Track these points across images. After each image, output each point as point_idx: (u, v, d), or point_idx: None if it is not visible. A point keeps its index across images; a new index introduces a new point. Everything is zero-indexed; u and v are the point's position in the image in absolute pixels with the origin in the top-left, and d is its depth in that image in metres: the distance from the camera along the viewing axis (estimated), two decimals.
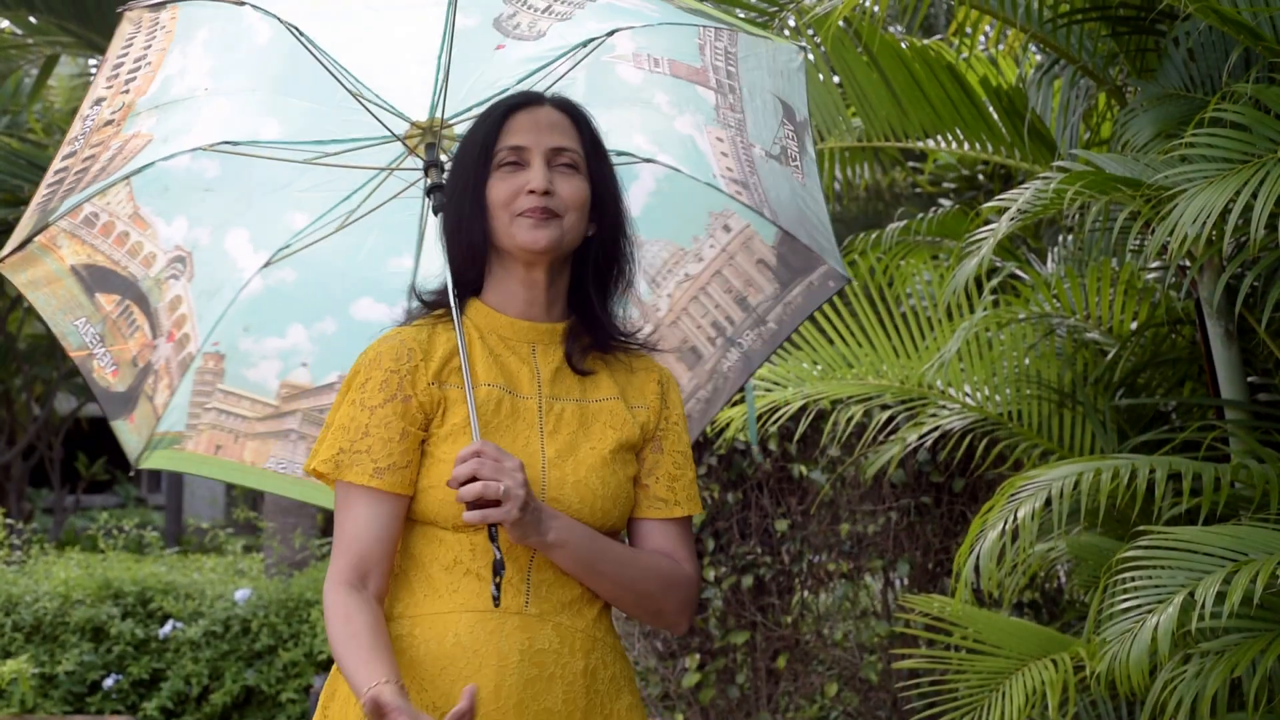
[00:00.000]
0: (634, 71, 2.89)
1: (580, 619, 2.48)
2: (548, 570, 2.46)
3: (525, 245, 2.50)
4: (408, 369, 2.47)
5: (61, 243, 2.85)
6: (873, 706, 6.07)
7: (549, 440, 2.51)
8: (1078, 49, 4.46)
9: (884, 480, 5.95)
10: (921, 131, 5.15)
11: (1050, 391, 4.70)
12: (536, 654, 2.42)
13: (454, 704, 2.34)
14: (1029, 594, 5.94)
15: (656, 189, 2.94)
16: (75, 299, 2.89)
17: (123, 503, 26.41)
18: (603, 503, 2.50)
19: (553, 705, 2.43)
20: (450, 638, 2.40)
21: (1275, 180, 3.20)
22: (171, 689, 7.78)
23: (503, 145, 2.52)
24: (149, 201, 2.85)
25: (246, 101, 2.85)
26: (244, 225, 2.93)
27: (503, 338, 2.56)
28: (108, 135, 2.78)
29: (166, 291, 2.91)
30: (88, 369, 2.92)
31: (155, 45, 2.74)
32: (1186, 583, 3.38)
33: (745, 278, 2.96)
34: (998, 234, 3.68)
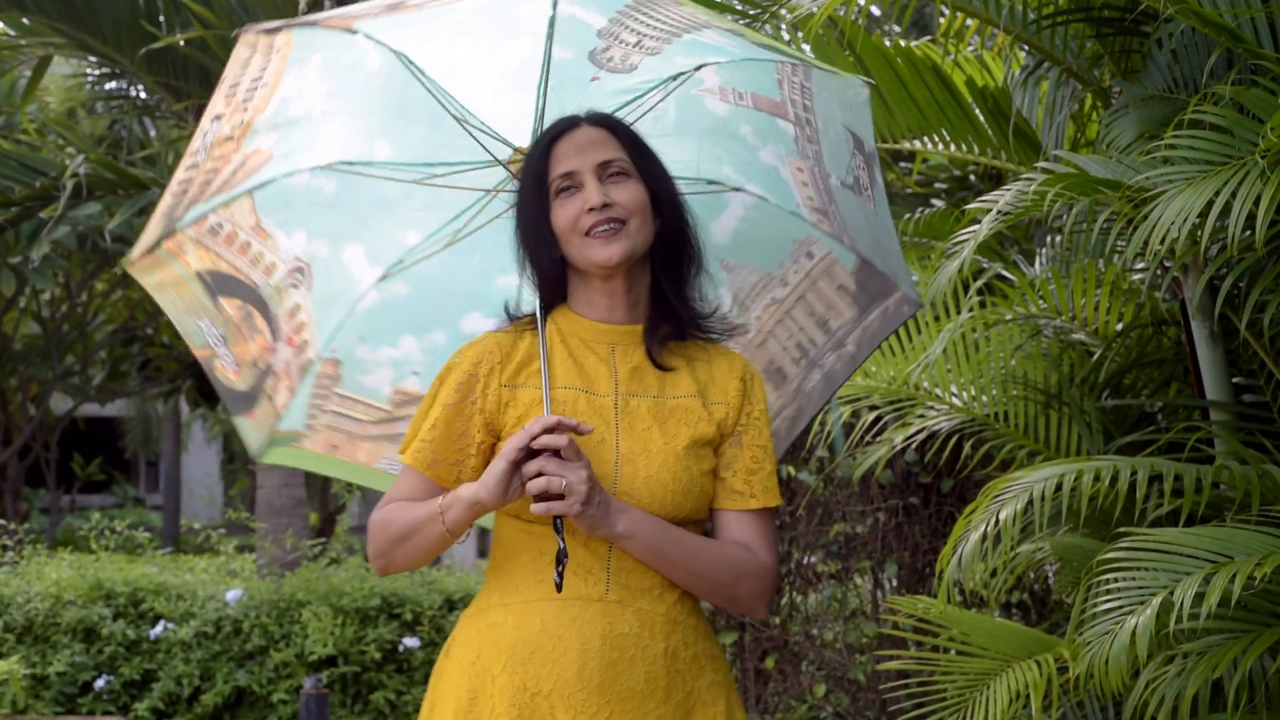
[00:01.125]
0: (720, 104, 3.02)
1: (660, 603, 2.64)
2: (627, 559, 2.62)
3: (600, 263, 2.67)
4: (485, 371, 2.70)
5: (187, 249, 3.04)
6: (861, 707, 6.07)
7: (624, 437, 2.66)
8: (1062, 50, 4.46)
9: (872, 481, 5.95)
10: (908, 132, 5.15)
11: (1036, 392, 4.71)
12: (617, 638, 2.59)
13: (542, 686, 2.57)
14: (1017, 595, 5.94)
15: (745, 216, 3.08)
16: (200, 301, 3.08)
17: (120, 503, 26.48)
18: (674, 497, 2.64)
19: (634, 685, 2.59)
20: (538, 624, 2.59)
21: (1254, 182, 3.21)
22: (163, 690, 7.78)
23: (554, 175, 2.70)
24: (270, 214, 3.03)
25: (361, 124, 3.02)
26: (360, 240, 3.08)
27: (584, 340, 2.74)
28: (228, 150, 2.96)
29: (286, 299, 3.08)
30: (210, 367, 3.13)
31: (271, 67, 2.92)
32: (1167, 584, 3.39)
33: (827, 302, 3.10)
34: (979, 236, 3.69)
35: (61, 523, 17.90)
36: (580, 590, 2.62)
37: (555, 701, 2.57)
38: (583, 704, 2.57)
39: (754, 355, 3.10)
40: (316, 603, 7.97)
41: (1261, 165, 3.22)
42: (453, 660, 2.70)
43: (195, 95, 9.19)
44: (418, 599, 8.10)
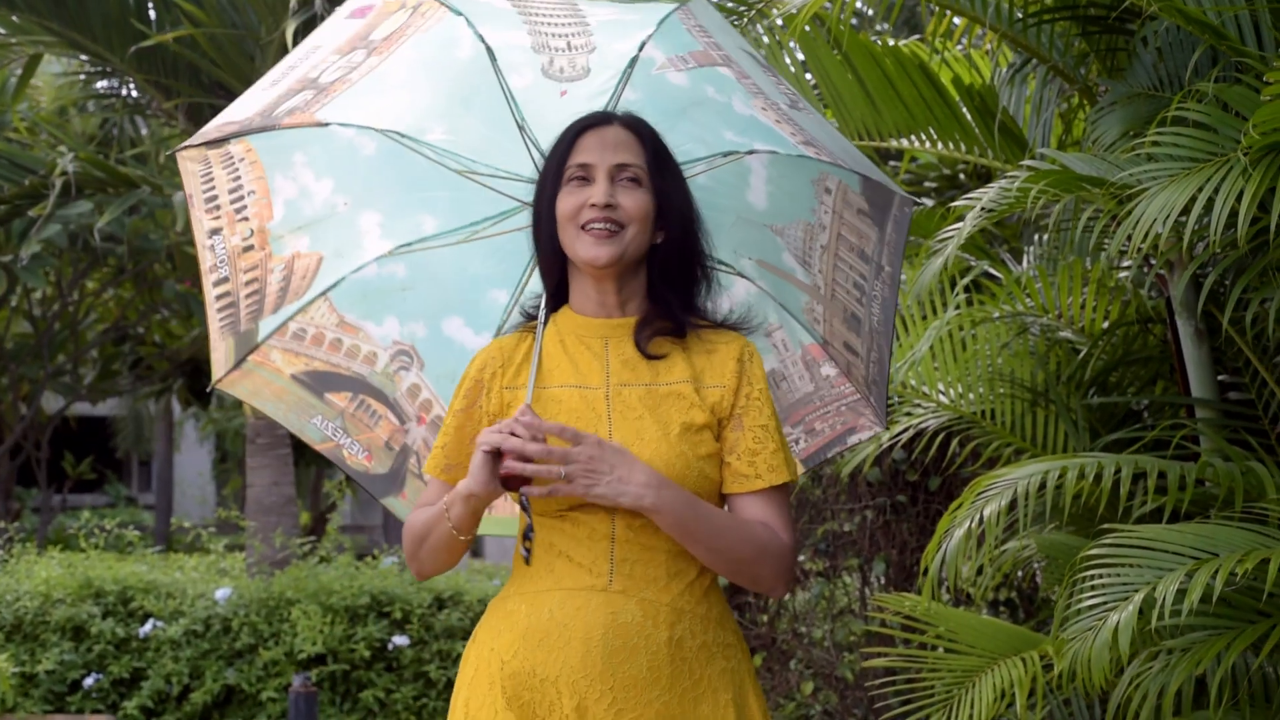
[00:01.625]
0: (678, 75, 3.01)
1: (665, 593, 2.68)
2: (631, 549, 2.68)
3: (587, 260, 2.73)
4: (488, 376, 2.81)
5: (275, 357, 3.12)
6: (849, 705, 6.08)
7: (616, 426, 2.71)
8: (1049, 49, 4.47)
9: (860, 479, 5.96)
10: (895, 131, 5.16)
11: (1023, 390, 4.71)
12: (620, 627, 2.64)
13: (548, 673, 2.64)
14: (1005, 593, 5.95)
15: (768, 176, 3.07)
16: (304, 401, 3.15)
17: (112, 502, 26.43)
18: (670, 478, 2.66)
19: (637, 674, 2.64)
20: (546, 613, 2.66)
21: (1236, 179, 3.22)
22: (152, 688, 7.77)
23: (572, 163, 2.75)
24: (351, 309, 3.12)
25: (391, 206, 3.09)
26: (455, 312, 3.16)
27: (579, 336, 2.80)
28: (259, 260, 3.06)
29: (400, 383, 3.17)
30: (339, 458, 3.19)
31: (248, 175, 3.01)
32: (1150, 580, 3.40)
33: (856, 231, 3.10)
34: (962, 233, 3.69)
35: (53, 522, 17.88)
36: (585, 581, 2.67)
37: (561, 687, 2.64)
38: (586, 690, 2.63)
39: (832, 309, 3.12)
40: (306, 601, 7.97)
41: (1244, 162, 3.23)
42: (474, 646, 2.78)
43: (185, 93, 9.18)
44: (407, 597, 8.10)
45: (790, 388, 3.17)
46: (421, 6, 2.91)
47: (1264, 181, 3.17)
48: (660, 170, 2.78)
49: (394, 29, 2.91)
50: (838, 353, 3.13)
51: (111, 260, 13.16)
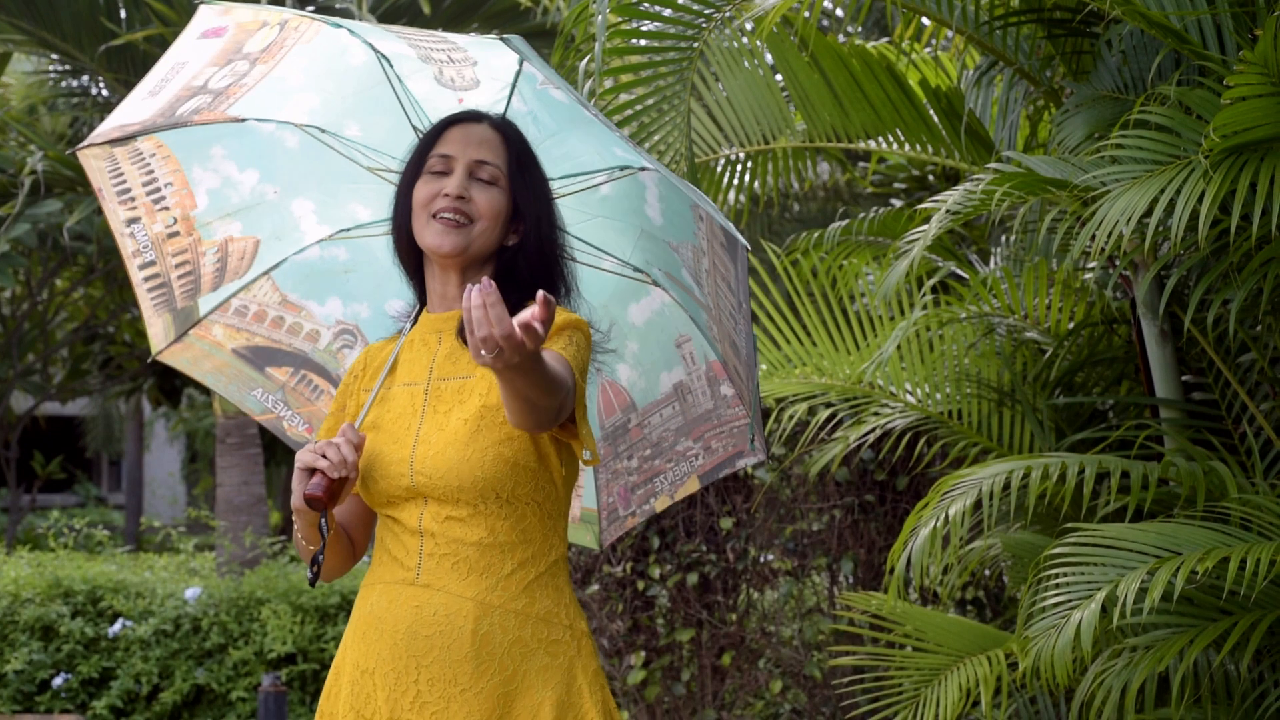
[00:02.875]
0: (559, 93, 3.00)
1: (471, 587, 2.67)
2: (439, 543, 2.69)
3: (431, 247, 2.76)
4: (351, 379, 2.90)
5: (216, 331, 3.19)
6: (818, 703, 6.10)
7: (427, 419, 2.75)
8: (1014, 51, 4.50)
9: (828, 478, 5.98)
10: (863, 132, 5.18)
11: (989, 390, 4.75)
12: (424, 620, 2.67)
13: (368, 665, 2.69)
14: (972, 592, 5.98)
15: (660, 194, 3.07)
16: (245, 374, 3.22)
17: (82, 502, 26.32)
18: (463, 466, 2.67)
19: (440, 668, 2.66)
20: (368, 606, 2.74)
21: (1197, 181, 3.25)
22: (121, 688, 7.76)
23: (434, 154, 2.80)
24: (294, 289, 3.19)
25: (322, 195, 3.16)
26: (398, 295, 3.14)
27: (423, 334, 2.85)
28: (187, 244, 3.14)
29: (344, 360, 3.22)
30: (279, 429, 3.25)
31: (161, 168, 3.09)
32: (1112, 578, 3.43)
33: (722, 261, 3.05)
34: (928, 235, 3.72)
35: (22, 522, 17.80)
36: (396, 574, 2.72)
37: (377, 679, 2.69)
38: (395, 682, 2.68)
39: (720, 330, 3.09)
40: (276, 600, 7.96)
41: (1205, 164, 3.26)
42: None
43: None
44: None
45: (694, 401, 3.18)
46: (291, 23, 2.92)
47: (1224, 184, 3.21)
48: (521, 173, 2.80)
49: (269, 42, 2.93)
50: (733, 373, 3.12)
51: (81, 259, 13.11)
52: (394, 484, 2.72)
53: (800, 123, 5.43)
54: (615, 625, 6.20)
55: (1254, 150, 3.27)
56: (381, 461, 2.73)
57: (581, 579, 6.26)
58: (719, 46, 5.18)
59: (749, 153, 5.43)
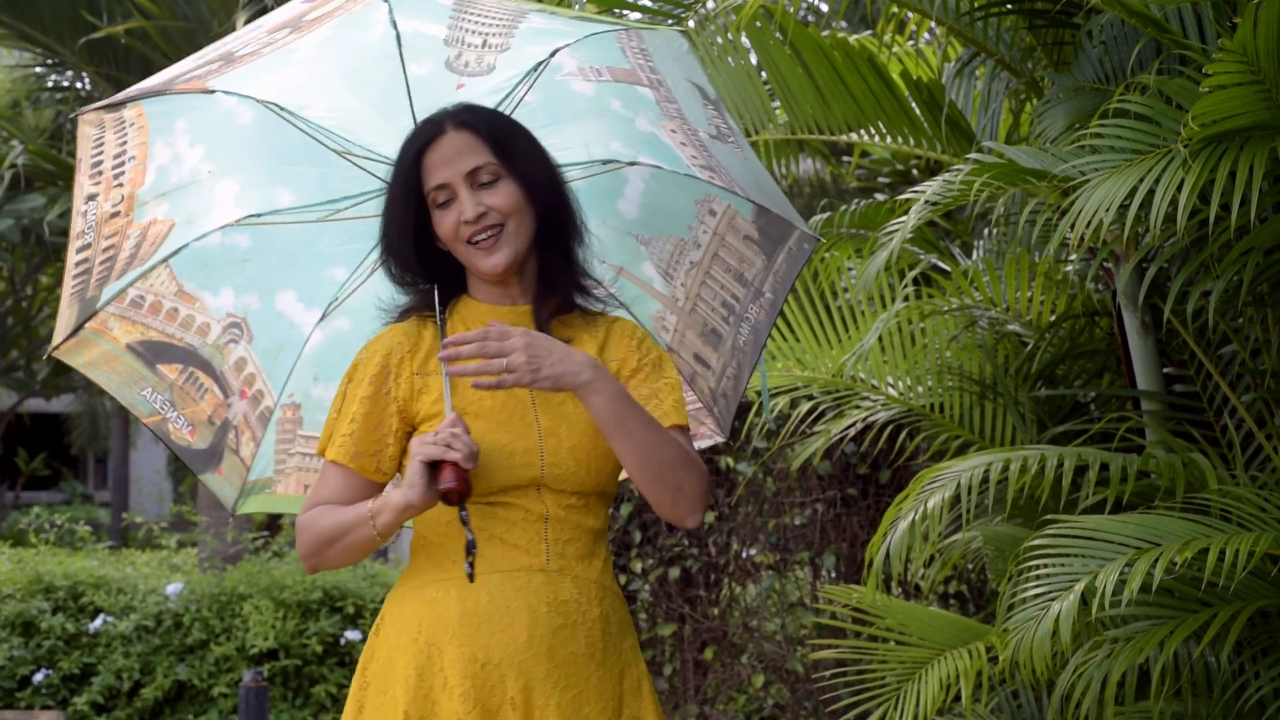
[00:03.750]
0: (585, 84, 3.05)
1: (591, 570, 2.76)
2: (563, 529, 2.73)
3: (489, 271, 2.77)
4: (395, 362, 2.77)
5: (112, 325, 3.07)
6: (800, 698, 6.09)
7: (542, 412, 2.74)
8: (995, 42, 4.49)
9: (810, 472, 5.97)
10: (845, 125, 5.16)
11: (971, 383, 4.73)
12: (561, 604, 2.70)
13: (491, 657, 2.66)
14: (955, 586, 5.97)
15: (646, 189, 3.12)
16: (136, 372, 3.11)
17: (68, 499, 26.29)
18: (595, 463, 2.74)
19: (577, 650, 2.70)
20: (484, 596, 2.68)
21: (1176, 171, 3.24)
22: (102, 684, 7.73)
23: (429, 188, 2.76)
24: (190, 278, 3.08)
25: (254, 176, 3.07)
26: (289, 287, 3.13)
27: (486, 324, 2.74)
28: (120, 226, 3.02)
29: (229, 355, 3.13)
30: (164, 432, 3.14)
31: (132, 140, 2.98)
32: (1092, 570, 3.42)
33: (738, 255, 3.15)
34: (907, 226, 3.70)
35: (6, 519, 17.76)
36: (522, 561, 2.70)
37: (506, 670, 2.66)
38: (532, 670, 2.67)
39: (689, 322, 3.16)
40: (258, 596, 7.94)
41: (1184, 153, 3.25)
42: (385, 639, 2.76)
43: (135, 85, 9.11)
44: (360, 592, 8.08)
45: None
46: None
47: (1203, 172, 3.20)
48: (509, 154, 2.78)
49: (327, 10, 2.92)
50: (684, 362, 3.16)
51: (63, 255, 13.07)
52: (519, 474, 2.71)
53: (783, 116, 5.42)
54: None
55: (1233, 139, 3.25)
56: (501, 451, 2.70)
57: None
58: (701, 39, 5.16)
59: None
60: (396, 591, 2.81)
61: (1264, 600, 3.55)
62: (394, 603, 2.79)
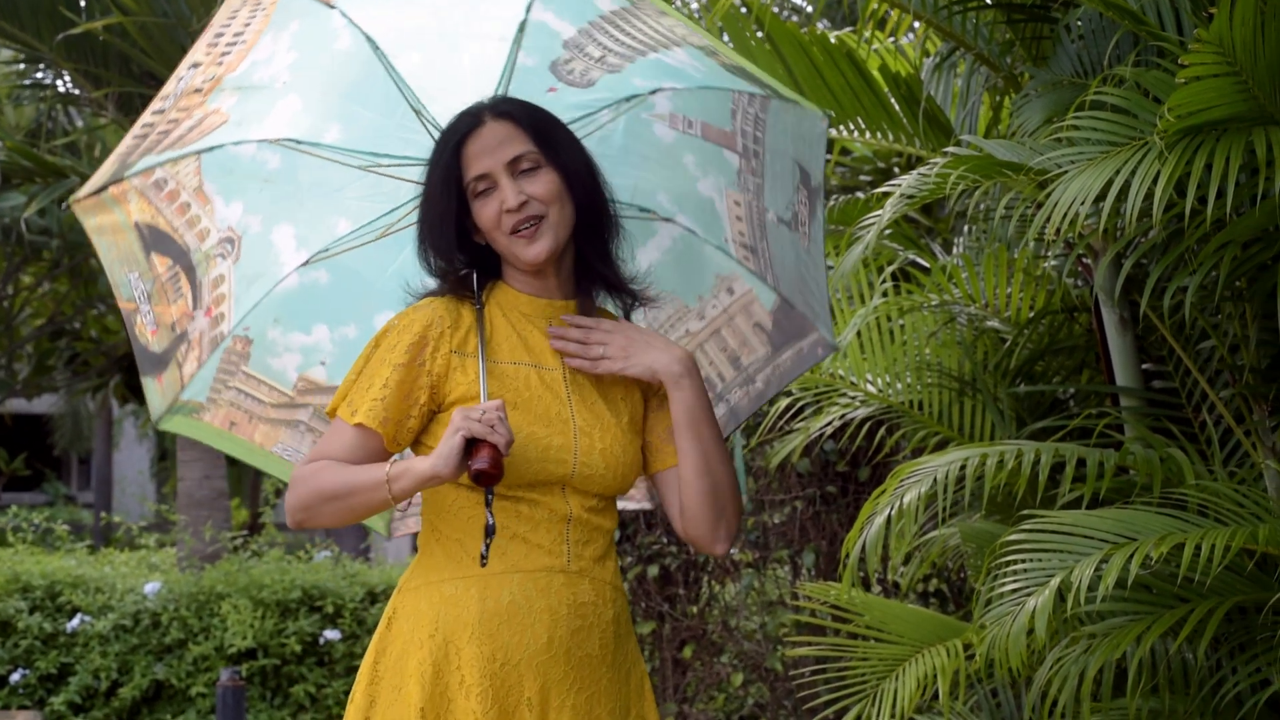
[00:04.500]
0: (668, 131, 3.06)
1: (606, 571, 2.77)
2: (583, 530, 2.73)
3: (529, 261, 2.75)
4: (435, 335, 2.72)
5: (131, 198, 3.04)
6: (779, 696, 6.07)
7: (576, 410, 2.76)
8: (974, 37, 4.47)
9: (790, 470, 5.95)
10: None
11: (950, 379, 4.71)
12: (580, 606, 2.71)
13: (511, 656, 2.65)
14: (935, 584, 5.95)
15: (671, 247, 3.12)
16: (134, 253, 3.09)
17: (51, 500, 26.22)
18: (623, 469, 2.76)
19: (592, 652, 2.72)
20: (506, 596, 2.67)
21: (1152, 163, 3.22)
22: (80, 683, 7.69)
23: (469, 178, 2.74)
24: (214, 180, 3.04)
25: (317, 102, 3.02)
26: (292, 222, 3.09)
27: (524, 314, 2.81)
28: (193, 103, 2.99)
29: (213, 268, 3.07)
30: (131, 322, 3.12)
31: (254, 25, 2.97)
32: (1068, 565, 3.40)
33: (741, 339, 3.17)
34: (883, 219, 3.69)
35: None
36: (544, 561, 2.70)
37: (524, 670, 2.66)
38: (550, 671, 2.67)
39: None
40: (236, 595, 7.90)
41: (1160, 145, 3.23)
42: (399, 633, 2.72)
43: (115, 83, 9.07)
44: (339, 591, 8.04)
45: None
46: None
47: (1179, 165, 3.18)
48: (550, 144, 2.77)
49: None
50: None
51: (47, 254, 13.05)
52: (551, 469, 2.70)
53: None
54: None
55: (1209, 131, 3.24)
56: (536, 445, 2.69)
57: None
58: None
59: None
60: (410, 585, 2.76)
61: (1240, 596, 3.53)
62: (408, 596, 2.75)
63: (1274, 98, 3.23)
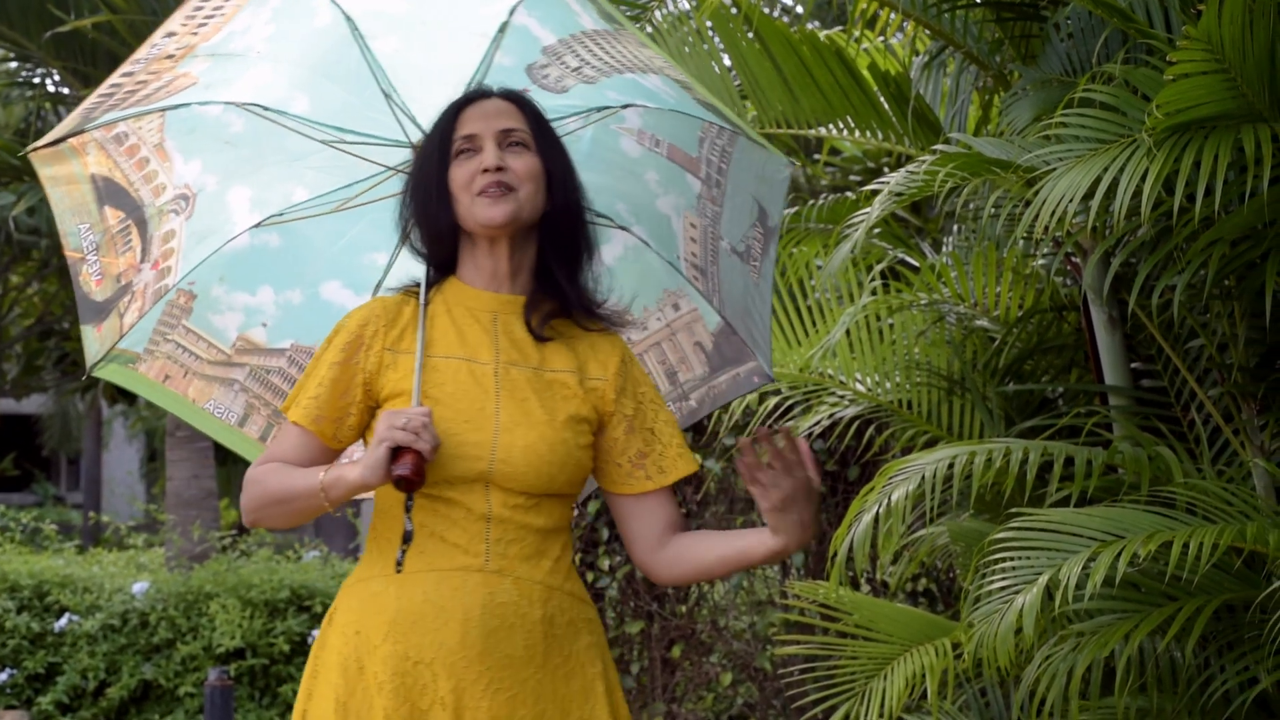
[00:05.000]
0: (635, 146, 3.10)
1: (537, 571, 2.72)
2: (507, 528, 2.70)
3: (485, 221, 2.74)
4: (369, 334, 2.77)
5: (90, 150, 3.05)
6: (769, 696, 6.06)
7: (504, 405, 2.73)
8: (963, 35, 4.47)
9: None
10: (813, 119, 5.13)
11: (939, 378, 4.71)
12: (498, 606, 2.67)
13: (424, 655, 2.64)
14: (924, 583, 5.95)
15: (623, 255, 3.15)
16: (86, 205, 3.09)
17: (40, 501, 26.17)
18: (549, 468, 2.71)
19: (514, 652, 2.67)
20: (420, 595, 2.66)
21: (1140, 160, 3.21)
22: (67, 683, 7.68)
23: (458, 136, 2.79)
24: (175, 137, 3.06)
25: (289, 73, 3.05)
26: (249, 184, 3.11)
27: (468, 309, 2.80)
28: (164, 68, 3.00)
29: (165, 223, 3.09)
30: (76, 271, 3.13)
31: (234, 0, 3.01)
32: (1056, 563, 3.40)
33: (680, 355, 3.19)
34: (872, 217, 3.68)
35: None
36: (461, 561, 2.68)
37: (437, 669, 2.64)
38: (464, 671, 2.64)
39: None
40: (224, 595, 7.89)
41: (1148, 143, 3.22)
42: (335, 628, 2.76)
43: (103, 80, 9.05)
44: (328, 591, 8.04)
45: None
46: None
47: (1167, 162, 3.17)
48: (544, 137, 2.83)
49: None
50: None
51: (36, 254, 13.03)
52: (466, 466, 2.68)
53: (752, 111, 5.39)
54: None
55: (1198, 128, 3.23)
56: (451, 441, 2.68)
57: None
58: (670, 34, 5.13)
59: None
60: (348, 581, 2.81)
61: (1229, 594, 3.53)
62: (344, 593, 2.79)
63: (1262, 95, 3.23)
